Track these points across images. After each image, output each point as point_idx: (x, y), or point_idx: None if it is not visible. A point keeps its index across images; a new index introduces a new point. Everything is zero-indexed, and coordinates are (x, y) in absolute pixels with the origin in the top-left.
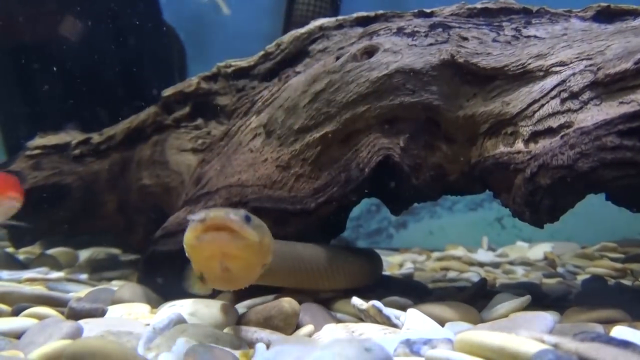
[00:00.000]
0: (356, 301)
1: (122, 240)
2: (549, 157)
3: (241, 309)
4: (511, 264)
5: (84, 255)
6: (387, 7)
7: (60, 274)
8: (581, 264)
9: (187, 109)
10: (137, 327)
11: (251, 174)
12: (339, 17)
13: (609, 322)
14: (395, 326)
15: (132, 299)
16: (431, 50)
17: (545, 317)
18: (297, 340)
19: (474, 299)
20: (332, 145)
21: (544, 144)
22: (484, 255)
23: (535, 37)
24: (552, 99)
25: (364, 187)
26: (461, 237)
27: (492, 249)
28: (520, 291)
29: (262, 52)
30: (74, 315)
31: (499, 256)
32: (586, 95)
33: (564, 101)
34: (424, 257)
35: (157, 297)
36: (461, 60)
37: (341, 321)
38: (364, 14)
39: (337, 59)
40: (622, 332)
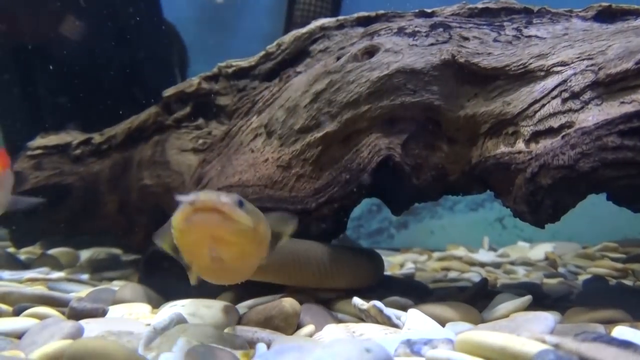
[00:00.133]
0: (357, 301)
1: (123, 240)
2: (550, 157)
3: (242, 309)
4: (512, 264)
5: (84, 255)
6: (388, 7)
7: (61, 274)
8: (582, 264)
9: (188, 109)
10: (138, 327)
11: (252, 174)
12: (340, 17)
13: (610, 322)
14: (396, 326)
15: (133, 299)
16: (432, 50)
17: (546, 318)
18: (298, 340)
19: (475, 299)
20: (333, 145)
21: (545, 144)
22: (485, 255)
23: (536, 37)
24: (553, 98)
25: (365, 187)
26: (462, 237)
27: (493, 249)
28: (521, 291)
29: (263, 52)
30: (75, 315)
31: (500, 256)
32: (587, 95)
33: (565, 101)
34: (425, 257)
35: (158, 297)
36: (462, 60)
37: (342, 321)
38: (365, 14)
39: (338, 59)
40: (623, 333)
